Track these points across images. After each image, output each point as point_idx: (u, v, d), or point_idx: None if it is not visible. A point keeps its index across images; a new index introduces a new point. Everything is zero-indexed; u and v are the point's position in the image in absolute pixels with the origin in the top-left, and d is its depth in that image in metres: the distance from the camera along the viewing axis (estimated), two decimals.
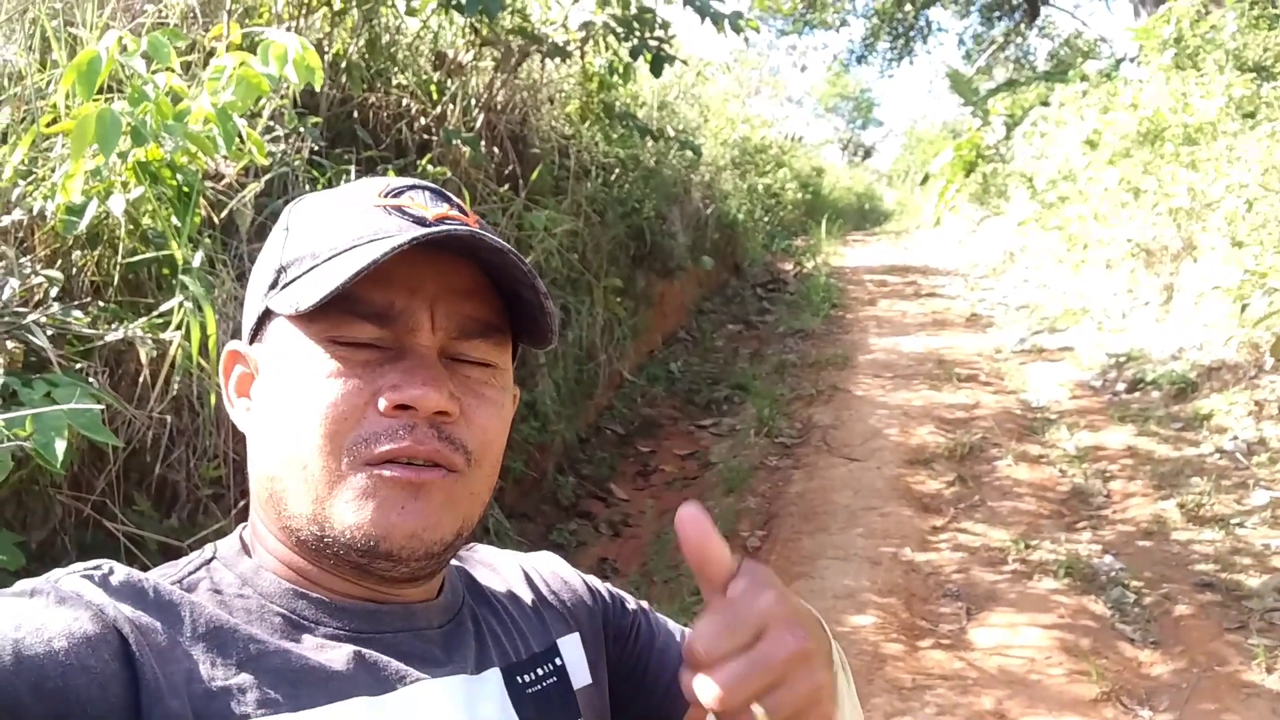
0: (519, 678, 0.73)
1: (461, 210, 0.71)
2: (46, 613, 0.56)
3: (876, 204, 21.79)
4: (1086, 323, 7.33)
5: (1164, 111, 7.33)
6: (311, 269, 0.66)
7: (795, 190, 13.89)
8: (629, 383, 6.34)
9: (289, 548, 0.68)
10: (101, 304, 2.19)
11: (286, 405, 0.66)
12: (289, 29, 3.59)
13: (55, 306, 2.03)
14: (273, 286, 0.69)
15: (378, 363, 0.65)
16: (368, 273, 0.62)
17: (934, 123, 24.08)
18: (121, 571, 0.63)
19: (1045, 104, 11.24)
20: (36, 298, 2.08)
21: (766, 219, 11.61)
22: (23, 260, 2.04)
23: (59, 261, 2.16)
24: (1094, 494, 4.61)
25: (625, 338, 5.78)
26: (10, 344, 2.00)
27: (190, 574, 0.67)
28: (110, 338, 2.04)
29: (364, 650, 0.66)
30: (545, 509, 4.64)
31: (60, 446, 1.67)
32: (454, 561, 0.83)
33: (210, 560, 0.69)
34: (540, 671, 0.75)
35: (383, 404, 0.64)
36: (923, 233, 15.54)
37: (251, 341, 0.72)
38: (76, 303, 2.09)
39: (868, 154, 30.56)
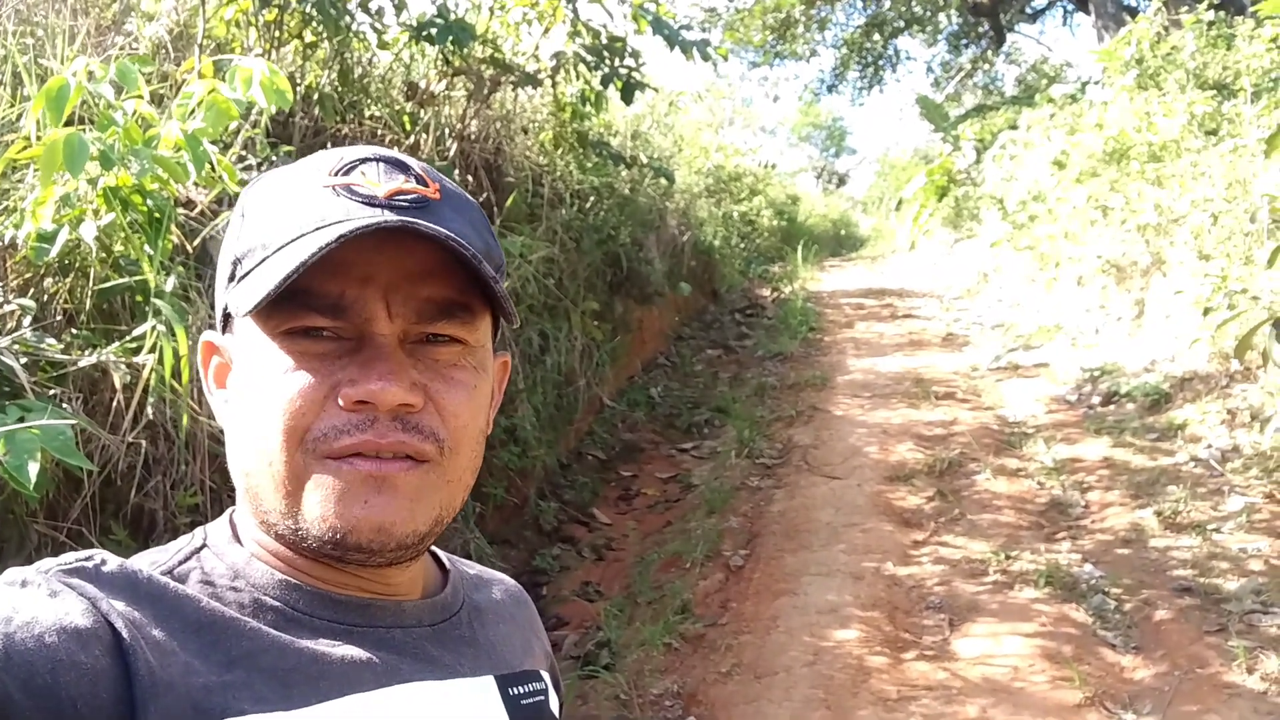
0: (512, 689, 0.73)
1: (421, 179, 0.68)
2: (38, 605, 0.55)
3: (852, 230, 21.99)
4: (1060, 339, 7.41)
5: (1129, 131, 7.46)
6: (262, 262, 0.64)
7: (771, 217, 14.01)
8: (609, 408, 6.35)
9: (272, 539, 0.68)
10: (75, 330, 2.20)
11: (251, 401, 0.65)
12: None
13: (28, 333, 2.03)
14: (230, 279, 0.68)
15: (336, 355, 0.64)
16: (317, 263, 0.60)
17: (906, 149, 24.38)
18: (114, 562, 0.61)
19: (1014, 127, 11.41)
20: (9, 325, 2.08)
21: (743, 246, 11.71)
22: None
23: (31, 290, 2.16)
24: (1072, 504, 4.64)
25: (604, 363, 5.80)
26: None
27: (181, 563, 0.66)
28: (83, 363, 2.04)
29: (358, 646, 0.65)
30: (527, 534, 4.63)
31: (34, 469, 1.67)
32: (463, 568, 0.83)
33: (201, 548, 0.68)
34: (531, 687, 0.75)
35: (343, 399, 0.63)
36: (898, 257, 15.68)
37: (224, 331, 0.71)
38: (47, 327, 2.09)
39: (842, 181, 30.86)
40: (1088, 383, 6.31)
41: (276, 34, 3.78)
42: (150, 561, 0.65)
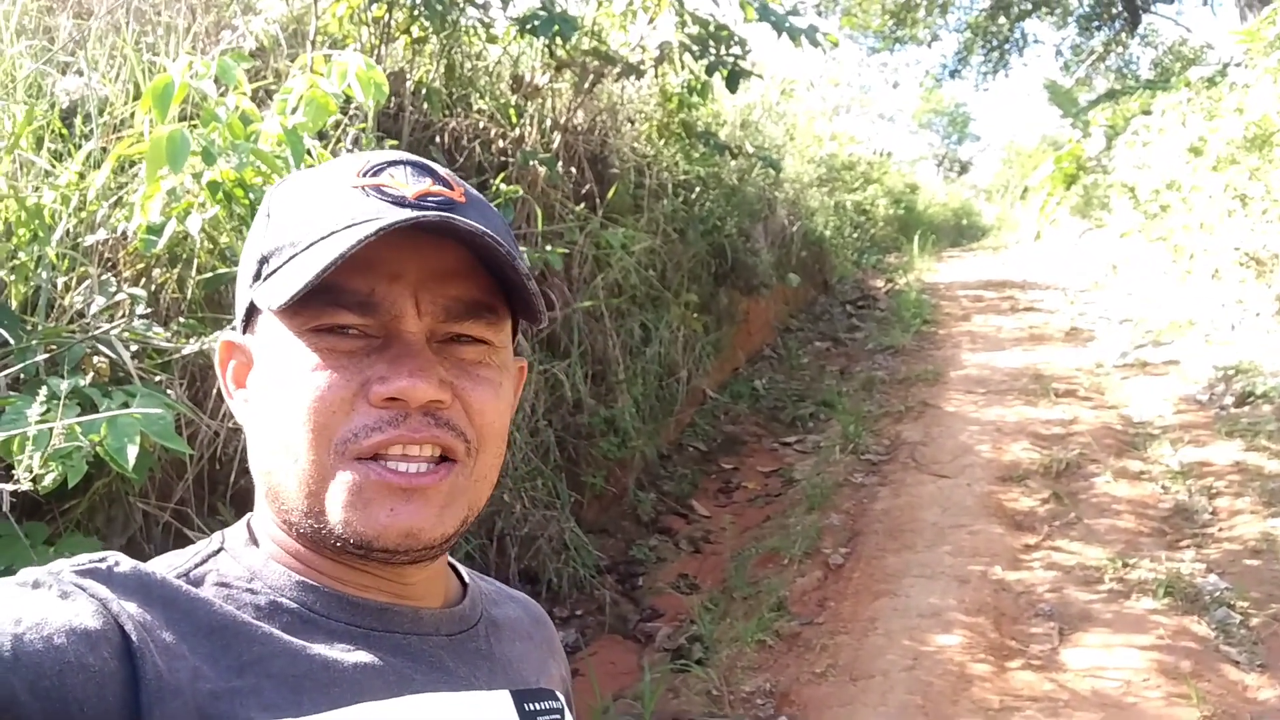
0: (528, 704, 0.72)
1: (447, 183, 0.68)
2: (49, 607, 0.55)
3: (974, 219, 21.32)
4: (1193, 335, 7.02)
5: (1271, 115, 6.99)
6: (290, 259, 0.64)
7: (887, 206, 13.70)
8: (712, 400, 6.32)
9: (293, 539, 0.67)
10: (181, 319, 2.29)
11: (276, 399, 0.65)
12: (372, 57, 3.72)
13: (137, 322, 2.13)
14: (256, 278, 0.67)
15: (364, 352, 0.64)
16: (347, 261, 0.60)
17: (1033, 135, 23.49)
18: (127, 564, 0.61)
19: (1148, 113, 10.85)
20: (121, 314, 2.18)
21: (856, 236, 11.48)
22: (106, 278, 2.14)
23: (141, 280, 2.26)
24: (1198, 511, 4.39)
25: (707, 354, 5.76)
26: (96, 359, 2.10)
27: (197, 565, 0.66)
28: (187, 350, 2.12)
29: (372, 652, 0.65)
30: (625, 524, 4.64)
31: (132, 452, 1.74)
32: (481, 583, 0.82)
33: (218, 551, 0.68)
34: (547, 705, 0.74)
35: (373, 396, 0.63)
36: (1022, 247, 15.13)
37: (244, 331, 0.71)
38: (153, 316, 2.18)
39: (964, 169, 29.97)
40: (1221, 382, 5.96)
41: (386, 29, 3.86)
42: (167, 565, 0.65)
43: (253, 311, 0.69)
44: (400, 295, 0.64)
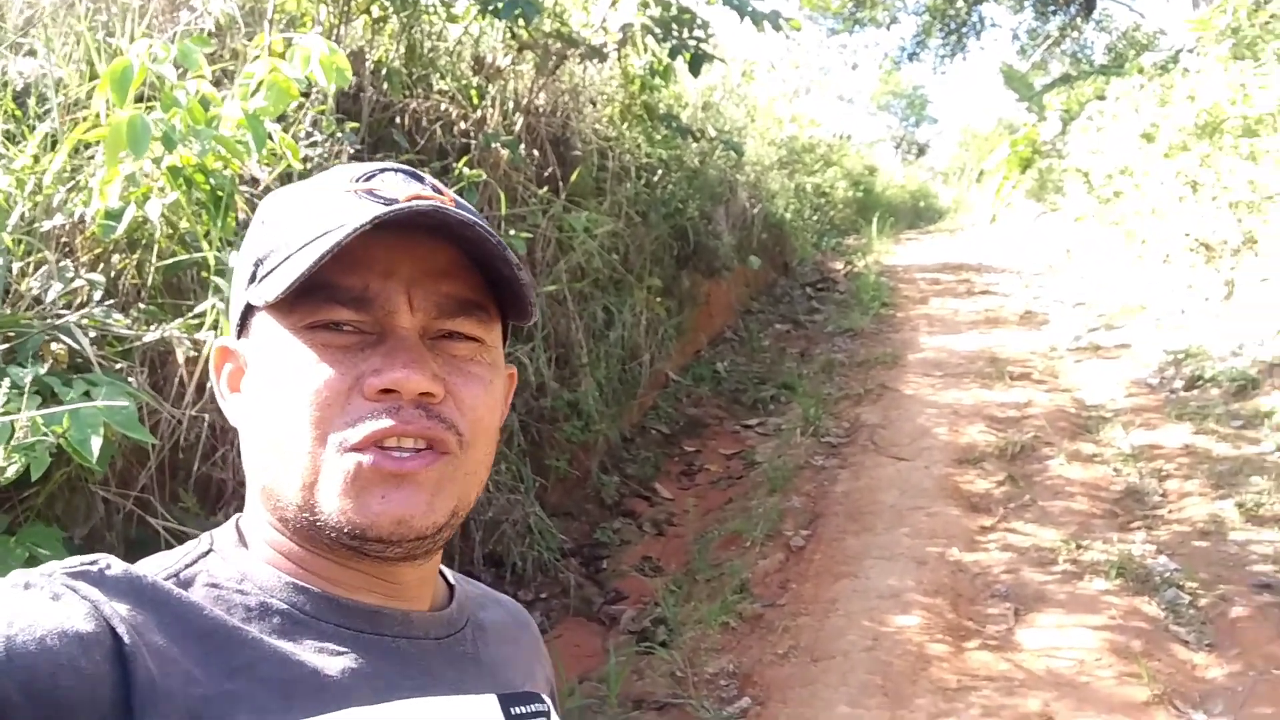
0: (514, 708, 0.73)
1: (436, 190, 0.70)
2: (41, 609, 0.55)
3: (931, 201, 21.49)
4: (1144, 319, 7.16)
5: (1222, 103, 7.13)
6: (285, 259, 0.66)
7: (846, 189, 13.77)
8: (674, 382, 6.34)
9: (286, 537, 0.68)
10: (142, 306, 2.25)
11: (272, 396, 0.66)
12: (331, 37, 3.66)
13: (96, 309, 2.09)
14: (251, 280, 0.68)
15: (359, 347, 0.65)
16: (340, 257, 0.62)
17: (990, 119, 23.70)
18: (118, 566, 0.61)
19: (1102, 98, 11.01)
20: (79, 300, 2.14)
21: (816, 218, 11.54)
22: (64, 264, 2.10)
23: (100, 265, 2.22)
24: (1149, 493, 4.50)
25: (669, 337, 5.77)
26: (55, 346, 2.06)
27: (187, 567, 0.66)
28: (148, 338, 2.09)
29: (362, 655, 0.65)
30: (589, 508, 4.65)
31: (96, 443, 1.71)
32: (468, 586, 0.83)
33: (207, 552, 0.68)
34: (533, 708, 0.75)
35: (367, 389, 0.64)
36: (978, 230, 15.29)
37: (239, 337, 0.72)
38: (115, 303, 2.14)
39: (921, 151, 30.18)
40: (1171, 366, 6.09)
41: (345, 8, 3.80)
42: (157, 566, 0.65)
43: (248, 315, 0.70)
44: (394, 291, 0.66)
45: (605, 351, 4.84)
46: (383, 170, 0.70)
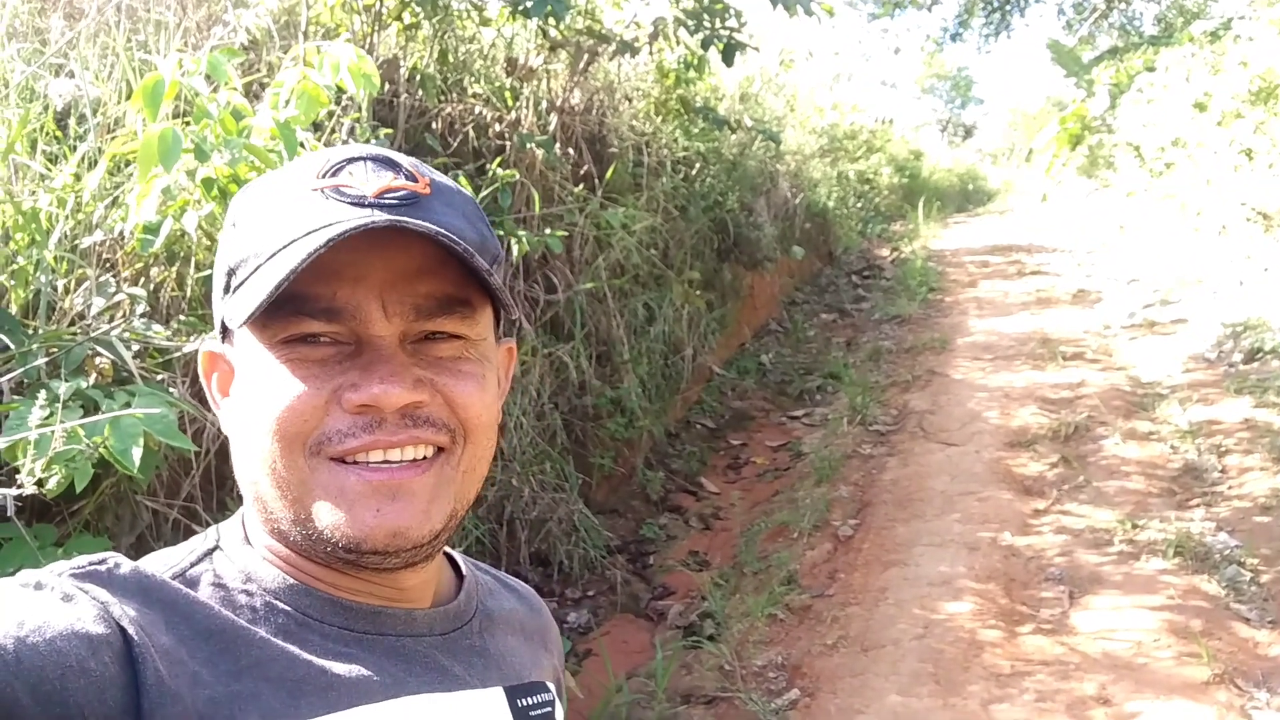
0: (520, 700, 0.73)
1: (411, 175, 0.67)
2: (51, 609, 0.55)
3: (979, 184, 21.19)
4: (1201, 292, 6.99)
5: (1276, 69, 6.92)
6: (255, 271, 0.63)
7: (891, 175, 13.61)
8: (718, 376, 6.32)
9: (284, 545, 0.68)
10: (182, 318, 2.30)
11: (252, 410, 0.65)
12: (364, 46, 3.70)
13: (137, 321, 2.14)
14: (226, 290, 0.67)
15: (336, 359, 0.64)
16: (310, 268, 0.60)
17: (1038, 97, 23.27)
18: (127, 566, 0.61)
19: (1151, 69, 10.75)
20: (121, 314, 2.20)
21: (860, 205, 11.42)
22: (105, 279, 2.15)
23: (140, 280, 2.27)
24: (1207, 470, 4.39)
25: (712, 331, 5.76)
26: (98, 360, 2.12)
27: (193, 565, 0.66)
28: (188, 348, 2.13)
29: (366, 655, 0.65)
30: (634, 504, 4.66)
31: (137, 453, 1.75)
32: (479, 573, 0.83)
33: (213, 549, 0.68)
34: (539, 698, 0.75)
35: (345, 404, 0.63)
36: (1028, 210, 15.05)
37: (224, 340, 0.70)
38: (153, 315, 2.19)
39: (968, 133, 29.73)
40: (1229, 339, 5.93)
41: (378, 17, 3.85)
42: (164, 563, 0.66)
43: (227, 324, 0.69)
44: (365, 298, 0.63)
45: (647, 347, 4.84)
46: (351, 160, 0.66)
